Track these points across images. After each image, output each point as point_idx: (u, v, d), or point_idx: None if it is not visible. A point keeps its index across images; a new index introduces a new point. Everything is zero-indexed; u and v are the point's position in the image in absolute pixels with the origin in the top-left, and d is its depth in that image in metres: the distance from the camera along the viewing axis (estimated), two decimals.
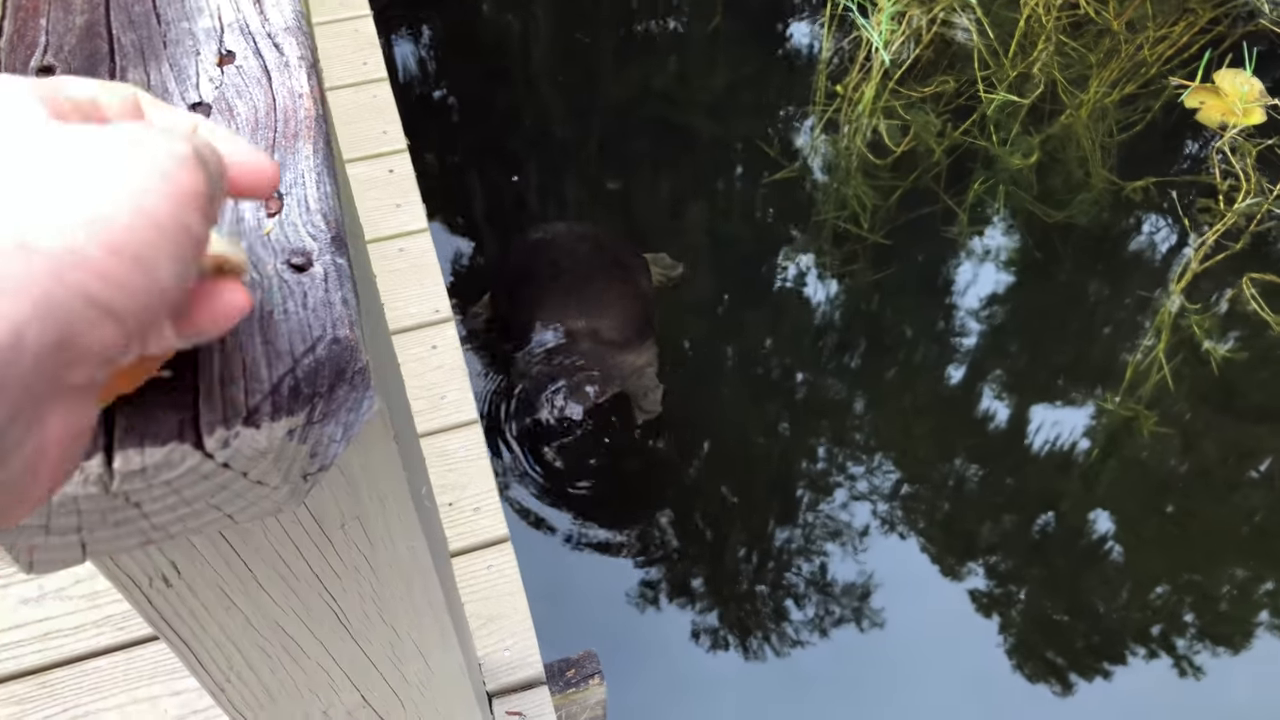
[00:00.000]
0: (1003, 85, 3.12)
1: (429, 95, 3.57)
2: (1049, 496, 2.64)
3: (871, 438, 2.73)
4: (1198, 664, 2.41)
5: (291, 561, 0.72)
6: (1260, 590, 2.51)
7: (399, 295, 1.76)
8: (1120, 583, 2.50)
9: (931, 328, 2.97)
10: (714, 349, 2.89)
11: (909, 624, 2.47)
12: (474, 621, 1.43)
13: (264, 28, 0.60)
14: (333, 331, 0.47)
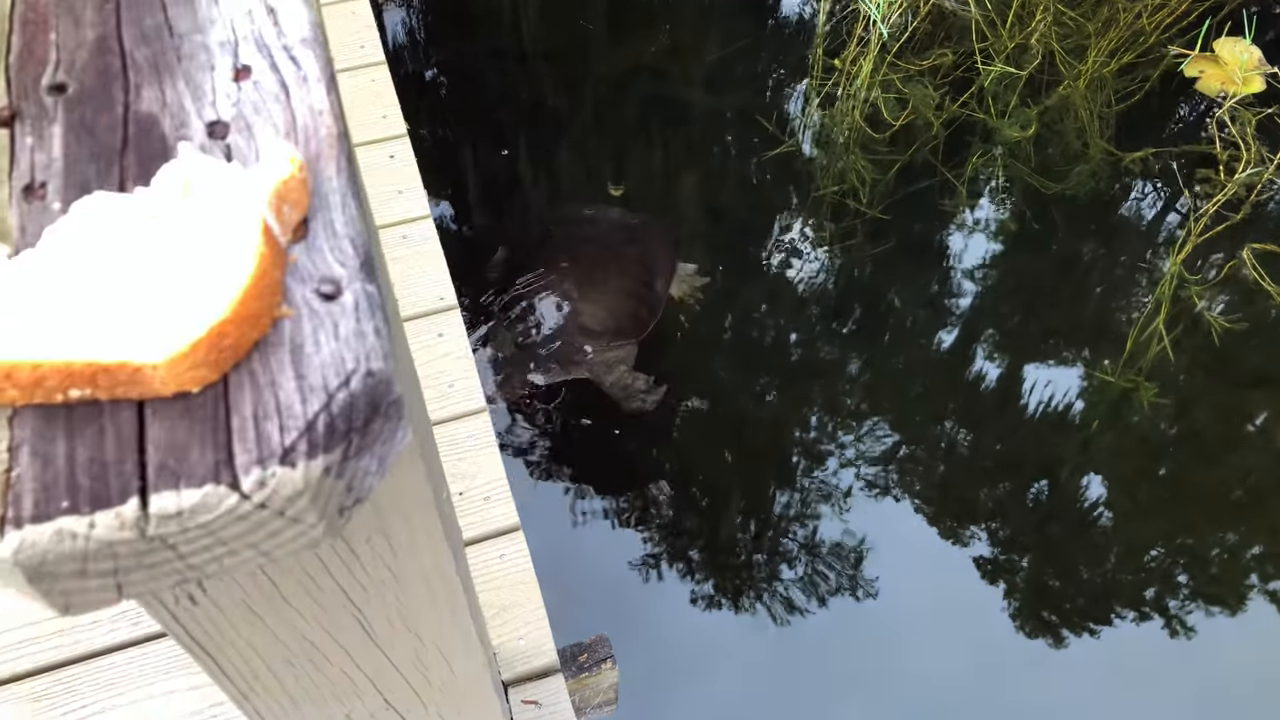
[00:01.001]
0: (1000, 57, 3.09)
1: (422, 72, 3.53)
2: (1046, 461, 2.65)
3: (869, 403, 2.74)
4: (1190, 624, 2.44)
5: (318, 576, 0.72)
6: (1249, 553, 2.53)
7: (404, 283, 1.75)
8: (1111, 547, 2.53)
9: (930, 298, 2.96)
10: (711, 318, 2.89)
11: (907, 589, 2.49)
12: (488, 611, 1.43)
13: (280, 40, 0.59)
14: (366, 364, 0.46)
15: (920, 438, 2.67)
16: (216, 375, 0.45)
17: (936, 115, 3.14)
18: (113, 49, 0.59)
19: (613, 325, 2.65)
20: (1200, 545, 2.54)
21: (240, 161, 0.52)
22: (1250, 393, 2.75)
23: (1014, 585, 2.48)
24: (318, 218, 0.51)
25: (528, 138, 3.32)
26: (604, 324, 2.64)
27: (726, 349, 2.86)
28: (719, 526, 2.54)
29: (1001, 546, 2.53)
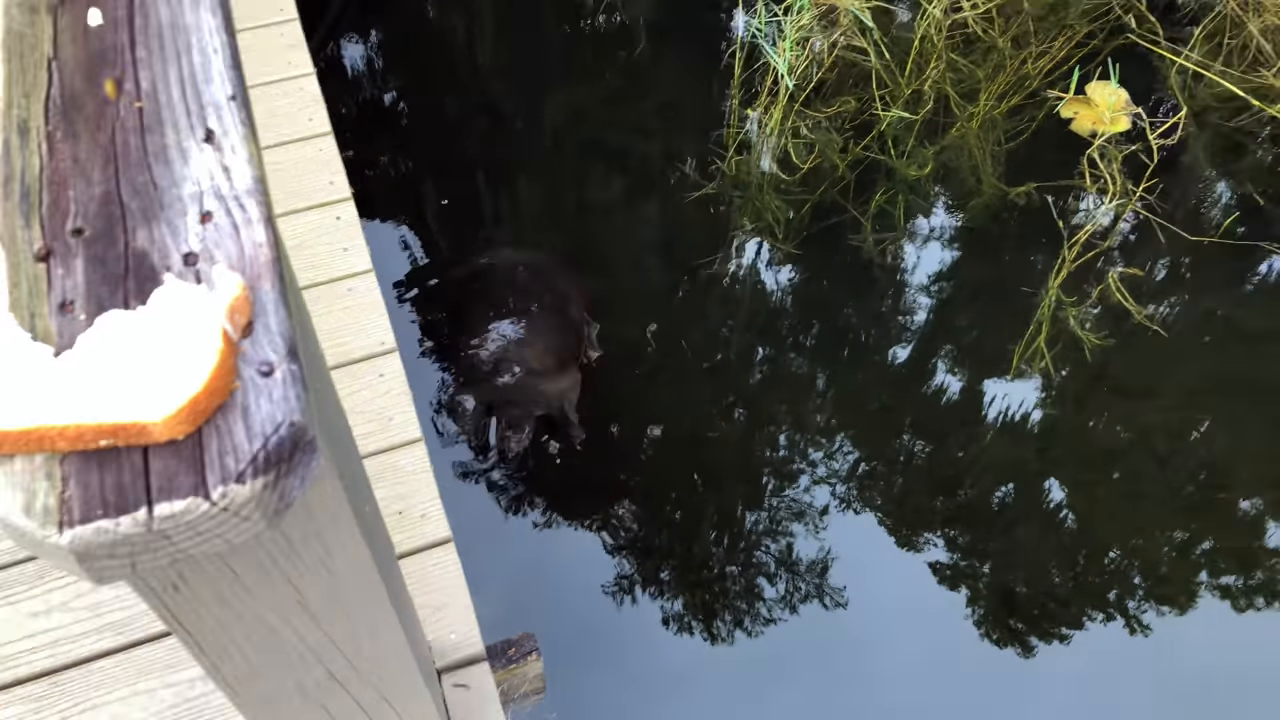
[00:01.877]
0: (899, 102, 3.40)
1: (372, 117, 3.80)
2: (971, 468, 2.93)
3: (816, 423, 3.01)
4: (1145, 624, 2.69)
5: (269, 569, 0.97)
6: (1152, 554, 2.82)
7: (349, 330, 2.00)
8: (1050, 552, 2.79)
9: (843, 327, 3.25)
10: (640, 354, 3.15)
11: (871, 600, 2.68)
12: (424, 611, 1.68)
13: (231, 191, 0.85)
14: (290, 418, 0.72)
15: (877, 453, 2.93)
16: (194, 428, 0.71)
17: (842, 158, 3.44)
18: (114, 201, 0.84)
19: (554, 361, 2.91)
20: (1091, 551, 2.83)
21: (206, 284, 0.78)
22: (1120, 400, 3.05)
23: (978, 592, 2.72)
24: (259, 321, 0.77)
25: (471, 186, 3.59)
26: (547, 363, 2.88)
27: (668, 381, 3.12)
28: (679, 542, 2.78)
29: (962, 553, 2.78)
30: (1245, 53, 3.51)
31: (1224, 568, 2.77)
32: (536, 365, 2.82)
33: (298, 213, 2.21)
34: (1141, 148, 3.15)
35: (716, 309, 3.29)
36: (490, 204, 3.58)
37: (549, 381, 2.84)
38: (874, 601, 2.70)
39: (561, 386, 2.82)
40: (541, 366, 2.86)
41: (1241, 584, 2.76)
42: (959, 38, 3.58)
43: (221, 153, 0.88)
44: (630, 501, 2.81)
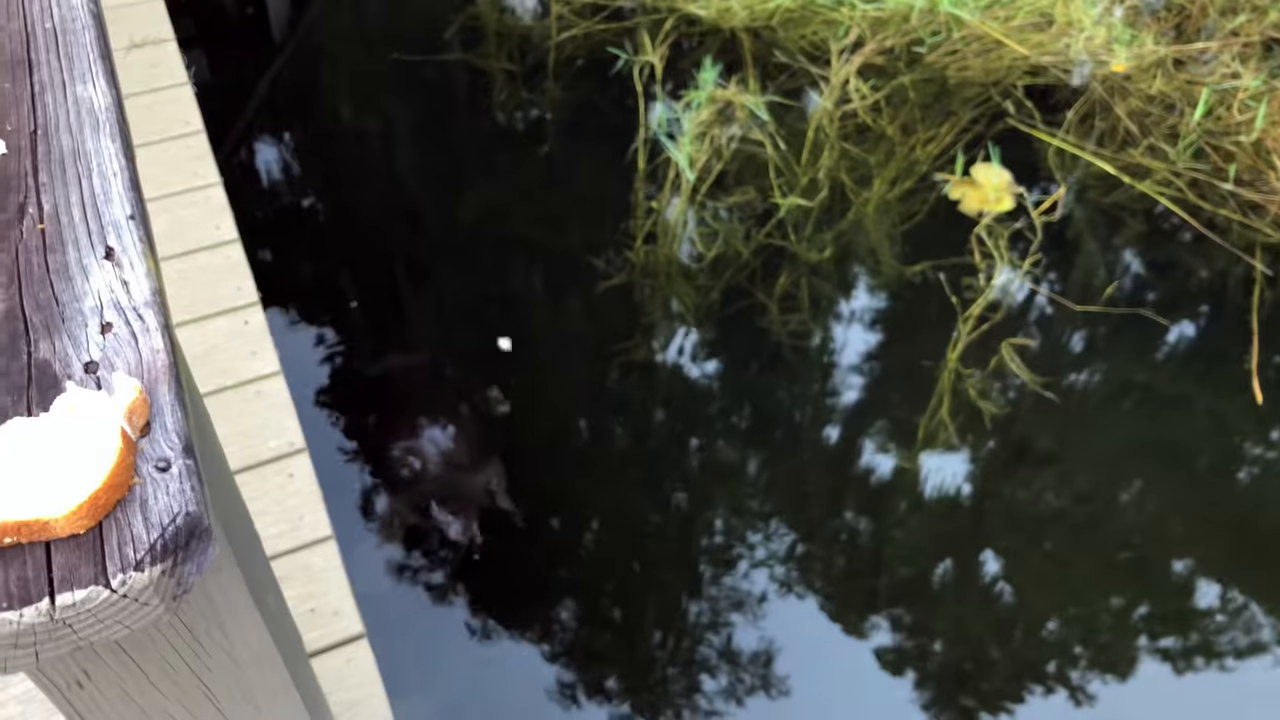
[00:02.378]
0: (797, 190, 3.58)
1: (284, 221, 3.86)
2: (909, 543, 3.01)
3: (735, 509, 3.08)
4: (1090, 693, 2.76)
5: (174, 662, 1.01)
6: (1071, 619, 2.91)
7: (259, 432, 2.03)
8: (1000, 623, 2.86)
9: (759, 408, 3.36)
10: (561, 444, 3.22)
11: (817, 688, 2.69)
12: (338, 708, 1.69)
13: (130, 303, 0.91)
14: (186, 509, 0.77)
15: (807, 535, 2.99)
16: (94, 522, 0.76)
17: (745, 244, 3.59)
18: (18, 316, 0.90)
19: (479, 450, 2.97)
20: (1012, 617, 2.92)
21: (106, 389, 0.83)
22: (1034, 468, 3.19)
23: (925, 671, 2.77)
24: (156, 421, 0.83)
25: (384, 286, 3.66)
26: (472, 455, 2.95)
27: (591, 470, 3.18)
28: (613, 634, 2.81)
29: (904, 632, 2.83)
30: (1115, 133, 3.78)
31: (1159, 630, 2.87)
32: (464, 460, 2.88)
33: (207, 319, 2.26)
34: (1025, 225, 3.35)
35: (635, 395, 3.38)
36: (404, 303, 3.64)
37: (478, 474, 2.89)
38: (820, 688, 2.71)
39: (490, 477, 2.88)
40: (470, 460, 2.92)
41: (1179, 646, 2.85)
42: (851, 127, 3.79)
43: (121, 268, 0.94)
44: (560, 594, 2.84)
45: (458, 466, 2.87)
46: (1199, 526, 3.10)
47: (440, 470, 2.85)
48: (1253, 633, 2.86)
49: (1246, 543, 3.08)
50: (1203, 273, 3.70)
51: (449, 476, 2.84)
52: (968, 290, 3.34)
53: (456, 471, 2.86)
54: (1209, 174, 3.44)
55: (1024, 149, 3.87)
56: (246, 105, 4.33)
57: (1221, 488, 3.19)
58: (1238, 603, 2.93)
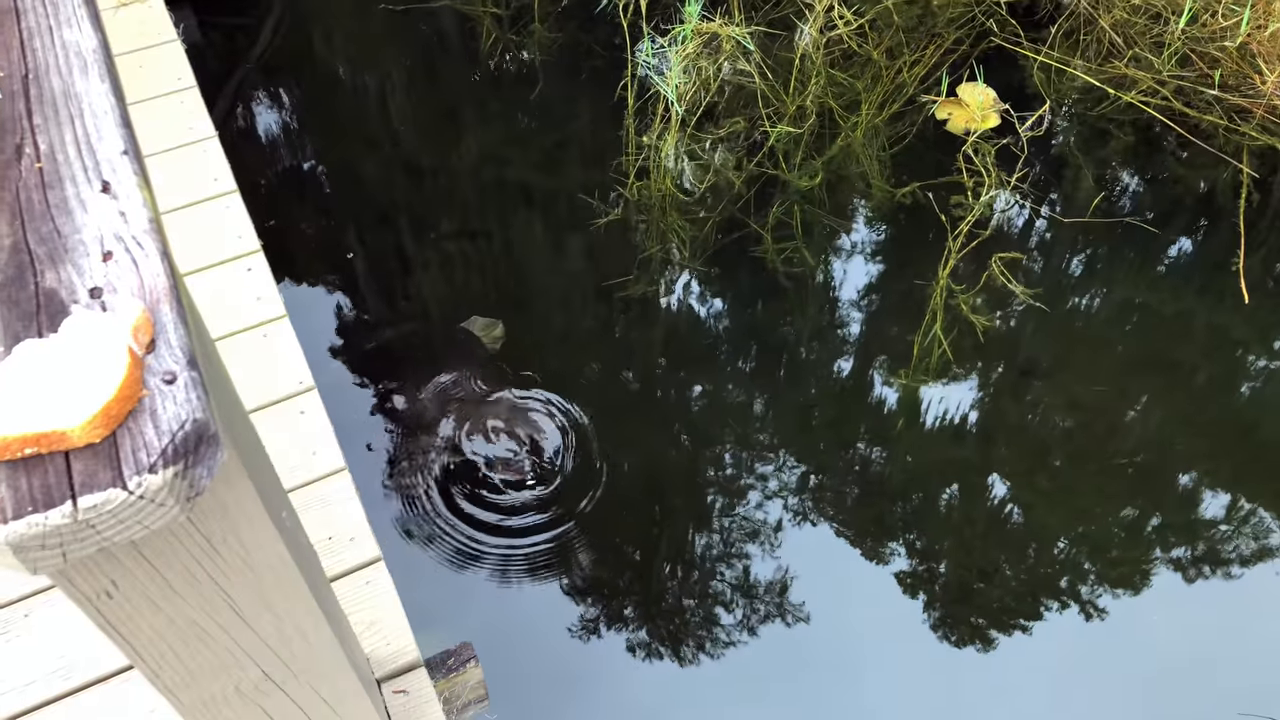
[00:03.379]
0: (785, 119, 3.59)
1: (283, 171, 3.90)
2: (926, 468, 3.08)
3: (743, 441, 3.15)
4: (1101, 607, 2.81)
5: (194, 570, 1.08)
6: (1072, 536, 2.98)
7: (268, 374, 2.10)
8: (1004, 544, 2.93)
9: (756, 337, 3.41)
10: (569, 383, 3.28)
11: (832, 613, 2.75)
12: (359, 627, 1.78)
13: (129, 232, 0.96)
14: (193, 415, 0.83)
15: (816, 464, 3.05)
16: (109, 431, 0.82)
17: (737, 175, 3.62)
18: (23, 249, 0.95)
19: (478, 388, 3.04)
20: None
21: (111, 311, 0.89)
22: (1034, 384, 3.25)
23: (934, 594, 2.84)
24: (160, 338, 0.88)
25: (385, 238, 3.70)
26: (471, 391, 3.02)
27: (599, 407, 3.24)
28: (622, 558, 2.88)
29: (919, 557, 2.90)
30: (1100, 46, 3.77)
31: (1171, 542, 2.93)
32: (462, 396, 2.96)
33: (211, 268, 2.31)
34: (1013, 141, 3.37)
35: (636, 329, 3.43)
36: (404, 248, 3.69)
37: (477, 410, 2.97)
38: (835, 614, 2.77)
39: (492, 412, 2.97)
40: (468, 396, 3.00)
41: (1188, 557, 2.91)
42: (837, 53, 3.79)
43: (118, 200, 0.99)
44: (571, 524, 2.91)
45: (461, 401, 2.94)
46: (1192, 430, 3.15)
47: (445, 406, 2.92)
48: (1260, 539, 2.92)
49: (1243, 446, 3.14)
50: (1191, 180, 3.71)
51: (454, 411, 2.91)
52: (957, 209, 3.37)
53: (461, 406, 2.93)
54: (1194, 81, 3.45)
55: (1010, 67, 3.87)
56: (239, 61, 4.34)
57: (1216, 393, 3.25)
58: (1242, 509, 3.00)
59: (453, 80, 4.38)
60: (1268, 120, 3.39)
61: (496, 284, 3.61)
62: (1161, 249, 3.56)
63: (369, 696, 1.55)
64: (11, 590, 1.85)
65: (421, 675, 1.76)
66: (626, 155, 3.61)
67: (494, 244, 3.75)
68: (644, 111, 3.74)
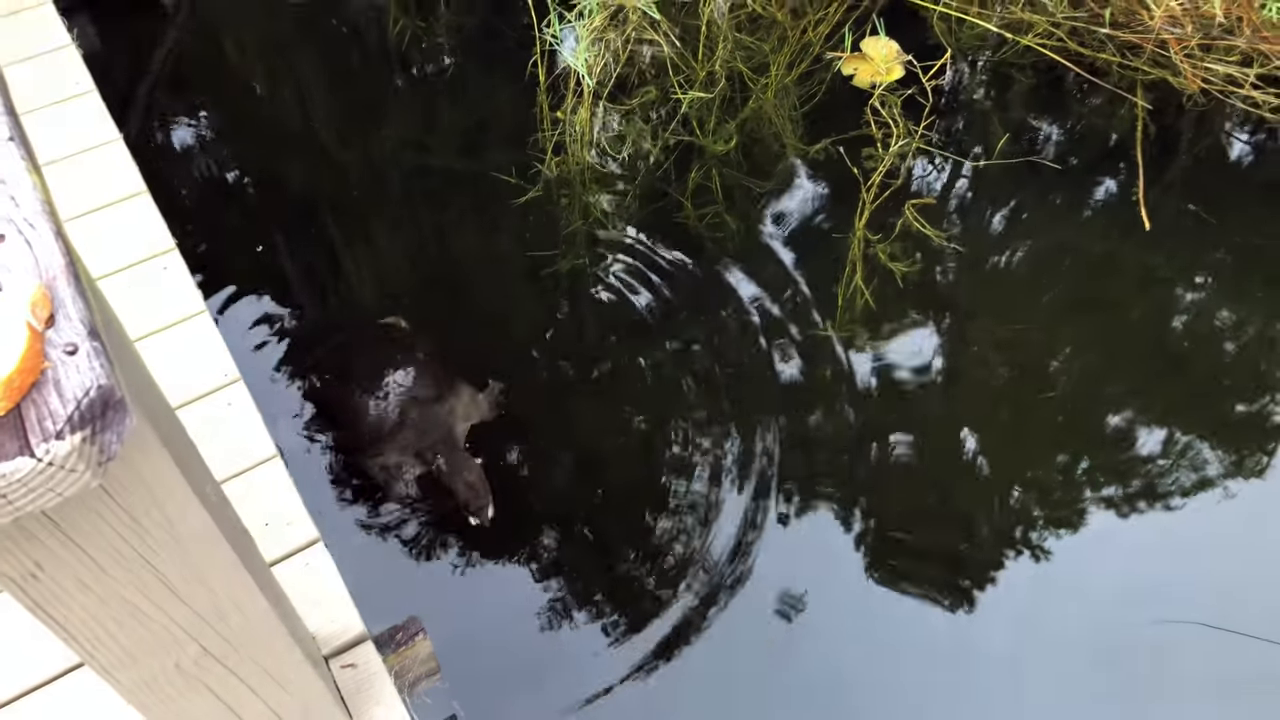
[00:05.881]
0: (696, 85, 3.63)
1: (198, 175, 3.86)
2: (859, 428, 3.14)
3: (683, 410, 3.19)
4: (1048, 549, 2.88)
5: (120, 547, 1.09)
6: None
7: (192, 368, 2.10)
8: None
9: (685, 303, 3.46)
10: (496, 357, 3.30)
11: (776, 572, 2.78)
12: (302, 607, 1.79)
13: (20, 215, 0.97)
14: (97, 382, 0.85)
15: (760, 431, 3.08)
16: (13, 404, 0.83)
17: (654, 144, 3.66)
18: None
19: (443, 380, 3.00)
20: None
21: (6, 290, 0.90)
22: (945, 322, 3.33)
23: (872, 541, 2.89)
24: (59, 312, 0.90)
25: (297, 229, 3.68)
26: (438, 386, 2.97)
27: (527, 381, 3.26)
28: (559, 519, 2.91)
29: (856, 507, 2.94)
30: None
31: (1101, 467, 3.01)
32: (432, 393, 2.94)
33: (126, 269, 2.29)
34: (917, 91, 3.44)
35: (563, 304, 3.46)
36: (324, 237, 3.67)
37: (450, 398, 2.96)
38: (778, 573, 2.81)
39: (465, 397, 2.97)
40: (437, 391, 2.97)
41: (1119, 488, 2.98)
42: (743, 17, 3.84)
43: (6, 184, 1.00)
44: (508, 498, 2.94)
45: (390, 384, 2.94)
46: (1112, 353, 3.27)
47: (374, 389, 2.91)
48: (1200, 470, 3.01)
49: (1158, 361, 3.26)
50: (1091, 117, 3.83)
51: (384, 394, 2.91)
52: (868, 161, 3.44)
53: (390, 389, 2.93)
54: (1087, 21, 3.55)
55: (911, 20, 3.95)
56: (145, 61, 4.27)
57: (1132, 319, 3.37)
58: (1162, 425, 3.12)
59: (362, 70, 4.35)
60: (1157, 55, 3.51)
61: (419, 268, 3.62)
62: (1067, 185, 3.67)
63: (316, 670, 1.57)
64: None
65: (369, 649, 1.78)
66: (542, 132, 3.62)
67: (418, 230, 3.75)
68: (557, 88, 3.75)
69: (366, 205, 3.79)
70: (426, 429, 2.90)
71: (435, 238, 3.73)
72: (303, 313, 3.36)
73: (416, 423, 2.90)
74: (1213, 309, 3.34)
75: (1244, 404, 3.15)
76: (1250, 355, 3.23)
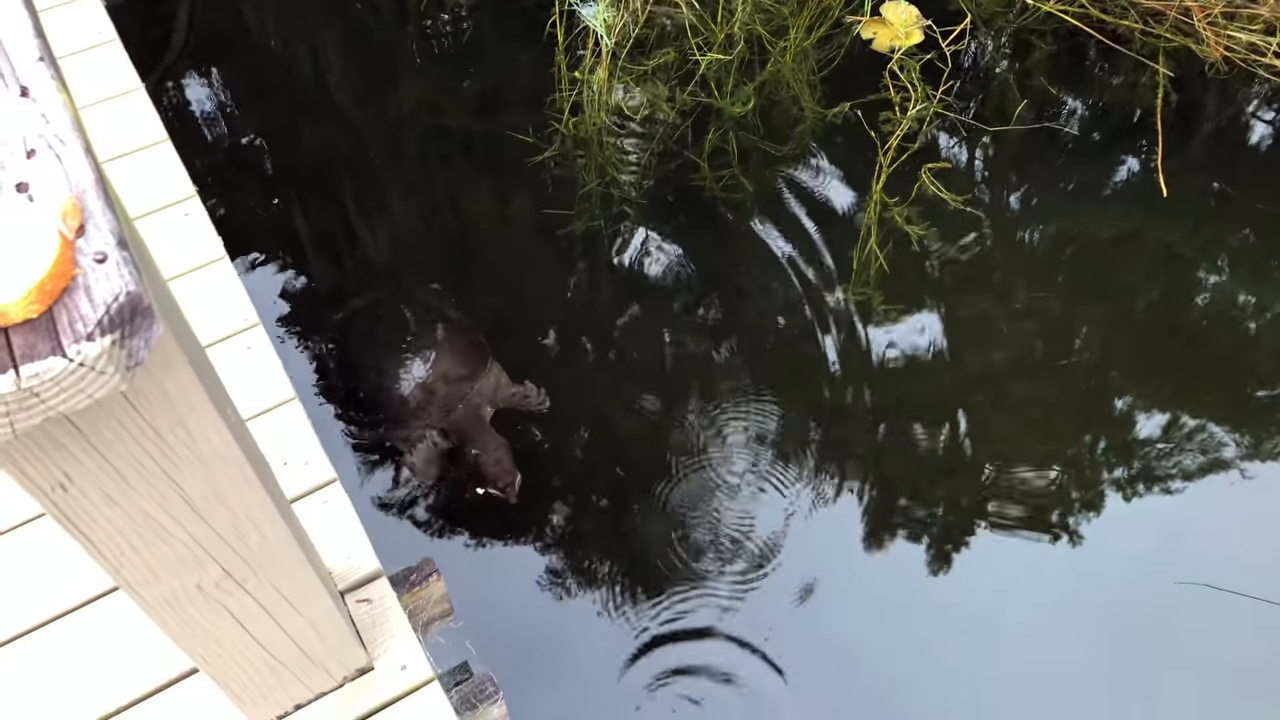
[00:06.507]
0: (715, 47, 3.63)
1: (220, 137, 3.88)
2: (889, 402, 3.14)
3: (700, 376, 3.21)
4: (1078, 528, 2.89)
5: (144, 461, 1.12)
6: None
7: (213, 312, 2.13)
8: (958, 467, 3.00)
9: (701, 266, 3.47)
10: (512, 317, 3.32)
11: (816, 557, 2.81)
12: (320, 543, 1.83)
13: (51, 131, 1.00)
14: (126, 288, 0.88)
15: (777, 399, 3.09)
16: (45, 307, 0.86)
17: (671, 106, 3.66)
18: None
19: (473, 358, 2.97)
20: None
21: (39, 202, 0.93)
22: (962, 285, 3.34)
23: (886, 505, 2.91)
24: (89, 223, 0.92)
25: (333, 205, 3.70)
26: (468, 364, 2.93)
27: (542, 342, 3.29)
28: (570, 472, 2.94)
29: (872, 471, 2.95)
30: None
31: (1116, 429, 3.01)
32: (464, 371, 2.90)
33: (148, 215, 2.32)
34: (936, 56, 3.43)
35: (580, 264, 3.47)
36: (342, 196, 3.70)
37: (480, 378, 2.92)
38: (789, 530, 2.85)
39: (493, 379, 2.93)
40: (469, 370, 2.93)
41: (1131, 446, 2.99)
42: None
43: (37, 103, 1.03)
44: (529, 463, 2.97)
45: (425, 356, 2.94)
46: (1114, 321, 3.27)
47: (408, 359, 2.92)
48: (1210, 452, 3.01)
49: (1174, 336, 3.26)
50: (1112, 85, 3.81)
51: (417, 365, 2.92)
52: (885, 125, 3.44)
53: (424, 361, 2.94)
54: None
55: None
56: (170, 19, 4.29)
57: (1140, 285, 3.36)
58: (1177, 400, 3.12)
59: (382, 35, 4.36)
60: (1180, 21, 3.48)
61: (437, 228, 3.64)
62: (1085, 153, 3.66)
63: (332, 600, 1.60)
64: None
65: (384, 584, 1.82)
66: (560, 92, 3.63)
67: (432, 190, 3.77)
68: (575, 48, 3.76)
69: (383, 164, 3.81)
70: (453, 407, 2.89)
71: (449, 198, 3.75)
72: (318, 262, 3.39)
73: (445, 400, 2.88)
74: (1232, 284, 3.34)
75: (1261, 373, 3.15)
76: (1270, 332, 3.23)
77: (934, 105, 3.31)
